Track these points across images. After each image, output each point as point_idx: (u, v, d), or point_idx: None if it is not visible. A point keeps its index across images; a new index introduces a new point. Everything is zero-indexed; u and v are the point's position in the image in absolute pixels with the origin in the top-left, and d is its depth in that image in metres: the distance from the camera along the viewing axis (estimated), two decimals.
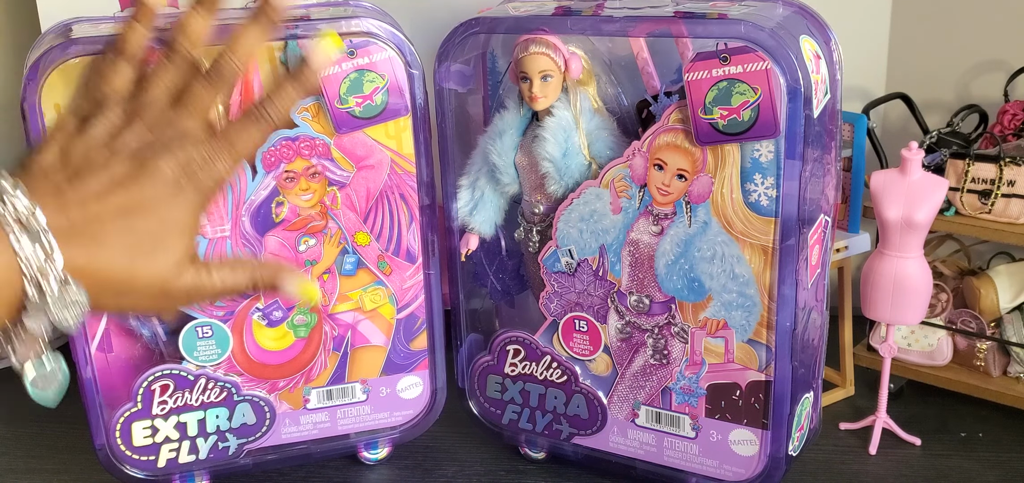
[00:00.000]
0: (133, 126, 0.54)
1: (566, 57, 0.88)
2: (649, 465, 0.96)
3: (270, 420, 0.98)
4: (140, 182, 0.53)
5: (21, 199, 0.49)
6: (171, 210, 0.53)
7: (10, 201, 0.49)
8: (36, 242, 0.49)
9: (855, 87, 1.19)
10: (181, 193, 0.54)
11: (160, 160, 0.53)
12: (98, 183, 0.52)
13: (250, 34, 0.59)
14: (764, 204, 0.83)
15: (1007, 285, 1.07)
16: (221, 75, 0.58)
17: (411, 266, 0.97)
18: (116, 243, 0.52)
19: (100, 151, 0.53)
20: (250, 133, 0.57)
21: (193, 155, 0.54)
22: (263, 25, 0.59)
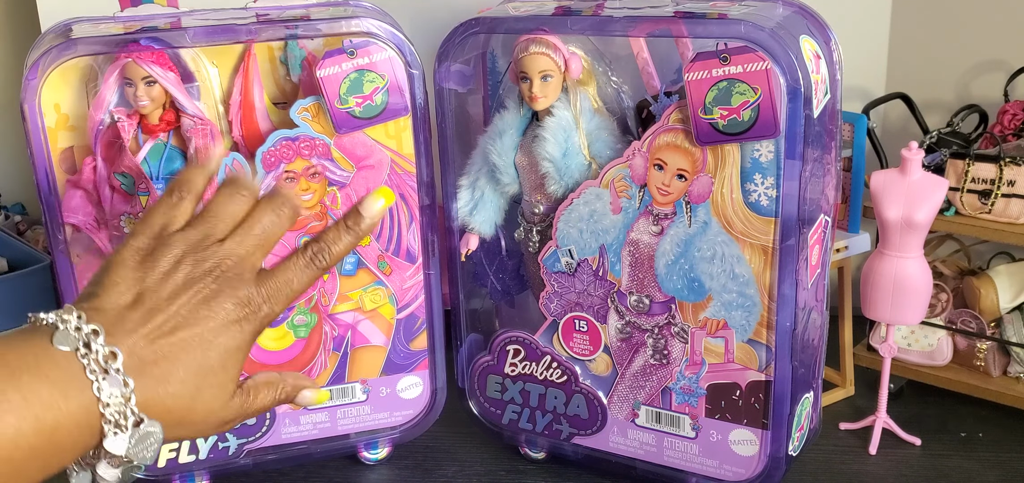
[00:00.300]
0: (196, 264, 0.56)
1: (566, 57, 0.88)
2: (649, 465, 0.96)
3: (270, 420, 0.98)
4: (204, 321, 0.54)
5: (101, 344, 0.50)
6: (228, 346, 0.56)
7: (94, 345, 0.50)
8: (115, 385, 0.50)
9: (855, 87, 1.19)
10: (239, 330, 0.56)
11: (221, 299, 0.55)
12: (165, 322, 0.54)
13: (344, 240, 0.61)
14: (764, 204, 0.83)
15: (1007, 285, 1.07)
16: (282, 212, 0.60)
17: (411, 266, 0.97)
18: (181, 379, 0.53)
19: (165, 289, 0.55)
20: (302, 275, 0.59)
21: (251, 294, 0.57)
22: (351, 236, 0.62)
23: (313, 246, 0.60)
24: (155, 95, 0.88)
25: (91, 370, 0.50)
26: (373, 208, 0.61)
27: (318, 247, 0.60)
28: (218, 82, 0.91)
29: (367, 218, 0.61)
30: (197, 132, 0.89)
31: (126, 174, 0.88)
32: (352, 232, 0.61)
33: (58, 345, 0.50)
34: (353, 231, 0.61)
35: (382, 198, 0.61)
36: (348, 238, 0.61)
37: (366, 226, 0.61)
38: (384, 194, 0.62)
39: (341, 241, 0.60)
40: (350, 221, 0.61)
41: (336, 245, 0.60)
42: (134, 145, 0.89)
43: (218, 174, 0.63)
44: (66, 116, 0.88)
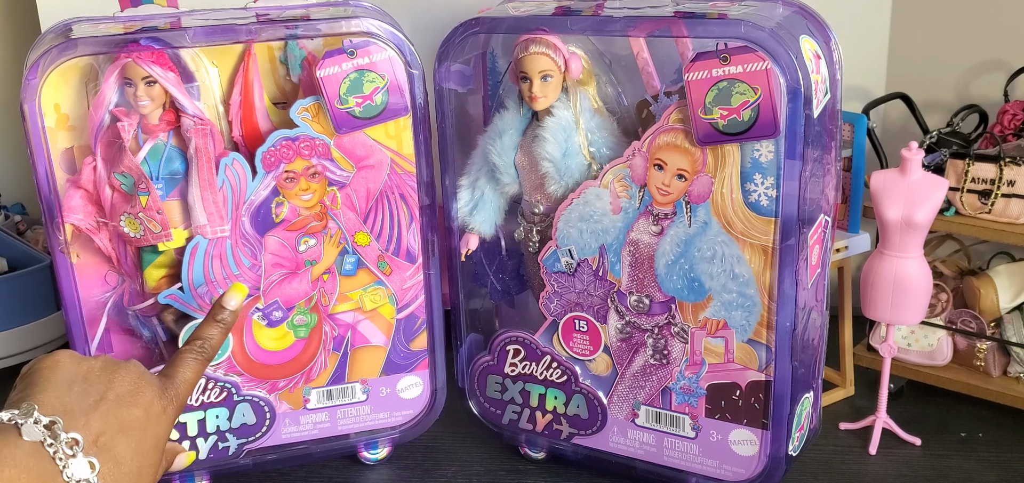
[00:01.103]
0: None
1: (566, 57, 0.88)
2: (649, 465, 0.96)
3: (270, 420, 0.98)
4: (136, 404, 0.62)
5: (63, 431, 0.57)
6: (156, 427, 0.63)
7: (58, 434, 0.56)
8: (81, 467, 0.57)
9: (855, 87, 1.19)
10: (162, 411, 0.64)
11: (144, 388, 0.64)
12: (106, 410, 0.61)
13: (214, 331, 0.73)
14: (764, 204, 0.83)
15: (1007, 285, 1.07)
16: (202, 355, 0.71)
17: (411, 266, 0.97)
18: (128, 454, 0.61)
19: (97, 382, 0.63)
20: (194, 362, 0.69)
21: (163, 383, 0.66)
22: (222, 326, 0.74)
23: (197, 342, 0.70)
24: (155, 95, 0.88)
25: (59, 456, 0.56)
26: (232, 300, 0.73)
27: (200, 341, 0.70)
28: (218, 82, 0.91)
29: (228, 307, 0.73)
30: (197, 132, 0.89)
31: (126, 174, 0.88)
32: (219, 322, 0.72)
33: (26, 438, 0.56)
34: (220, 320, 0.72)
35: (236, 292, 0.74)
36: (218, 328, 0.72)
37: (228, 315, 0.73)
38: (239, 290, 0.74)
39: (212, 330, 0.72)
40: (215, 312, 0.73)
41: (210, 336, 0.71)
42: (134, 145, 0.89)
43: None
44: (66, 116, 0.88)
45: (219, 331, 0.73)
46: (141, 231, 0.89)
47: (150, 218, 0.89)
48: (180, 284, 0.92)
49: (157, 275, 0.93)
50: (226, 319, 0.73)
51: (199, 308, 0.93)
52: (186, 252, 0.91)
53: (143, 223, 0.89)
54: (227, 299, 0.74)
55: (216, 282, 0.93)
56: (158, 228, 0.89)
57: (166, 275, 0.93)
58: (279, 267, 0.94)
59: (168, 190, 0.91)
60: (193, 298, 0.93)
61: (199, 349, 0.70)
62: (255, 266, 0.93)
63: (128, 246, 0.92)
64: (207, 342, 0.71)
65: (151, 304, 0.93)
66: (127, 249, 0.92)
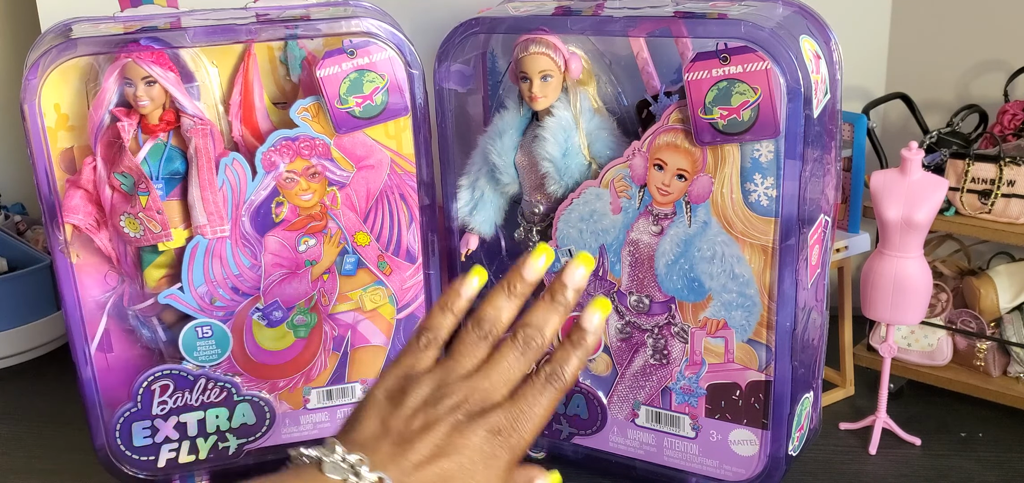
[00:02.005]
0: (443, 398, 0.59)
1: (566, 57, 0.88)
2: (649, 465, 0.96)
3: (270, 420, 0.98)
4: (460, 451, 0.57)
5: (367, 473, 0.55)
6: (485, 473, 0.58)
7: (362, 473, 0.55)
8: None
9: (855, 87, 1.19)
10: (495, 461, 0.58)
11: (473, 429, 0.58)
12: (419, 453, 0.57)
13: (553, 318, 0.62)
14: (764, 204, 0.83)
15: (1007, 285, 1.07)
16: (528, 348, 0.61)
17: (411, 266, 0.97)
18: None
19: (417, 422, 0.58)
20: (546, 398, 0.60)
21: (500, 422, 0.59)
22: (561, 310, 0.63)
23: (546, 368, 0.61)
24: (155, 95, 0.88)
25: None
26: (593, 319, 0.62)
27: (551, 368, 0.61)
28: (218, 82, 0.91)
29: (590, 330, 0.62)
30: (197, 132, 0.89)
31: (126, 174, 0.88)
32: (580, 347, 0.62)
33: (329, 474, 0.54)
34: (581, 345, 0.62)
35: (599, 309, 0.63)
36: (578, 354, 0.62)
37: (590, 338, 0.62)
38: (584, 260, 0.63)
39: (577, 357, 0.62)
40: (574, 336, 0.62)
41: (568, 364, 0.61)
42: (134, 145, 0.89)
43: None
44: (66, 116, 0.88)
45: (579, 357, 0.61)
46: (141, 231, 0.89)
47: (150, 218, 0.89)
48: (180, 284, 0.92)
49: (157, 275, 0.93)
50: (587, 343, 0.62)
51: (199, 308, 0.93)
52: (186, 252, 0.91)
53: (143, 223, 0.89)
54: (587, 317, 0.62)
55: (216, 282, 0.93)
56: (158, 228, 0.89)
57: (166, 275, 0.93)
58: (279, 267, 0.94)
59: (168, 190, 0.91)
60: (193, 298, 0.93)
61: (549, 376, 0.60)
62: (255, 266, 0.93)
63: (128, 246, 0.92)
64: (561, 370, 0.61)
65: (151, 304, 0.94)
66: (127, 249, 0.92)
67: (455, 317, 0.63)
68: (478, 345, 0.62)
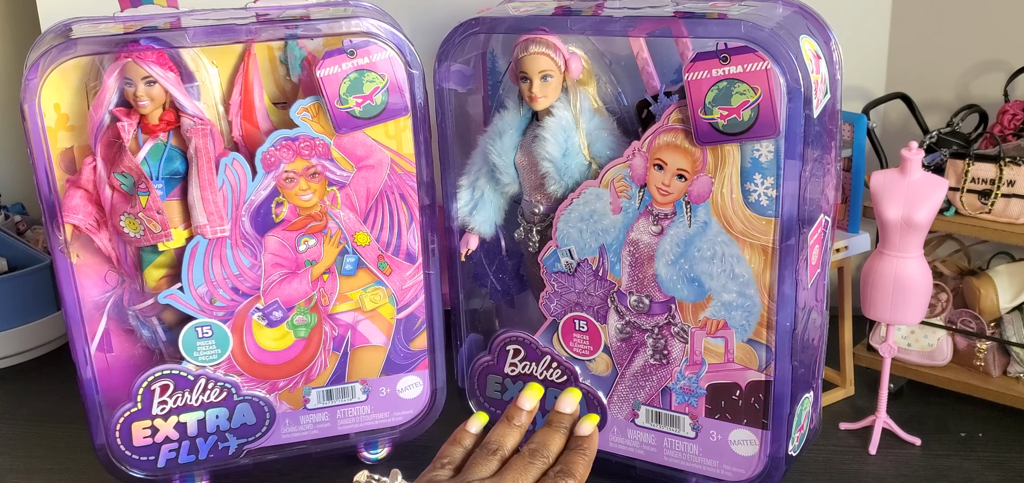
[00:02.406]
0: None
1: (566, 57, 0.88)
2: (649, 465, 0.96)
3: (270, 420, 0.98)
4: None
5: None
6: None
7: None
8: None
9: (855, 87, 1.19)
10: None
11: None
12: None
13: (556, 439, 0.73)
14: (764, 204, 0.83)
15: (1007, 285, 1.07)
16: (535, 458, 0.70)
17: (411, 266, 0.97)
18: None
19: None
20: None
21: None
22: (562, 432, 0.74)
23: (555, 469, 0.70)
24: (155, 95, 0.88)
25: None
26: (586, 427, 0.73)
27: (559, 468, 0.70)
28: (218, 82, 0.91)
29: (587, 434, 0.73)
30: (197, 132, 0.89)
31: (126, 174, 0.88)
32: (585, 451, 0.72)
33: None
34: (584, 450, 0.72)
35: (590, 420, 0.74)
36: (586, 456, 0.71)
37: (590, 443, 0.73)
38: (573, 394, 0.76)
39: (579, 462, 0.71)
40: (574, 443, 0.72)
41: (577, 466, 0.71)
42: (134, 145, 0.89)
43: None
44: (66, 116, 0.88)
45: (586, 461, 0.71)
46: (141, 231, 0.89)
47: (150, 218, 0.89)
48: (180, 284, 0.92)
49: (157, 275, 0.93)
50: (590, 448, 0.72)
51: (199, 308, 0.93)
52: (186, 252, 0.91)
53: (143, 223, 0.89)
54: (583, 428, 0.73)
55: (216, 282, 0.93)
56: (158, 228, 0.89)
57: (166, 275, 0.93)
58: (279, 267, 0.94)
59: (168, 190, 0.91)
60: (193, 298, 0.93)
61: (559, 473, 0.70)
62: (255, 266, 0.93)
63: (128, 246, 0.92)
64: (567, 465, 0.70)
65: (151, 304, 0.94)
66: (127, 249, 0.92)
67: (465, 450, 0.73)
68: (489, 460, 0.70)
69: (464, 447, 0.73)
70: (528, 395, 0.75)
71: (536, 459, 0.70)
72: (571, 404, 0.75)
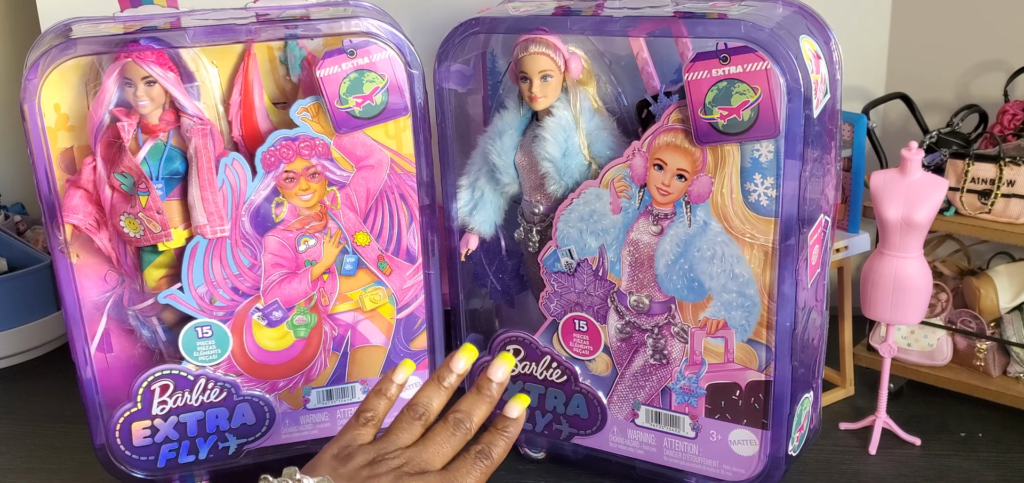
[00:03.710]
0: (384, 462, 0.67)
1: (566, 57, 0.88)
2: (649, 465, 0.96)
3: (270, 420, 0.98)
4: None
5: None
6: None
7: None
8: None
9: (855, 87, 1.19)
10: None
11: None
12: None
13: (480, 407, 0.72)
14: (764, 204, 0.83)
15: (1007, 285, 1.07)
16: (458, 429, 0.70)
17: (411, 266, 0.97)
18: None
19: (364, 474, 0.66)
20: (477, 472, 0.69)
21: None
22: (487, 401, 0.73)
23: (476, 446, 0.70)
24: (155, 95, 0.88)
25: None
26: (515, 410, 0.72)
27: (481, 447, 0.70)
28: (218, 82, 0.91)
29: (513, 417, 0.71)
30: (197, 132, 0.89)
31: (126, 174, 0.88)
32: (506, 432, 0.71)
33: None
34: (506, 431, 0.71)
35: (519, 402, 0.72)
36: (505, 437, 0.71)
37: (513, 427, 0.71)
38: (506, 360, 0.74)
39: (499, 442, 0.70)
40: (500, 423, 0.71)
41: (495, 446, 0.70)
42: (134, 145, 0.89)
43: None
44: (66, 116, 0.88)
45: (506, 441, 0.71)
46: (141, 231, 0.89)
47: (150, 218, 0.89)
48: (180, 284, 0.92)
49: (157, 275, 0.93)
50: (510, 431, 0.71)
51: (199, 308, 0.93)
52: (186, 252, 0.91)
53: (143, 223, 0.89)
54: (511, 409, 0.71)
55: (216, 282, 0.93)
56: (158, 228, 0.89)
57: (166, 275, 0.93)
58: (279, 267, 0.94)
59: (168, 190, 0.91)
60: (193, 298, 0.93)
61: (479, 454, 0.69)
62: (255, 266, 0.93)
63: (128, 246, 0.92)
64: (489, 451, 0.70)
65: (151, 304, 0.94)
66: (127, 249, 0.92)
67: (388, 401, 0.73)
68: (413, 424, 0.71)
69: (388, 398, 0.73)
70: (461, 356, 0.74)
71: (458, 429, 0.70)
72: (501, 372, 0.73)
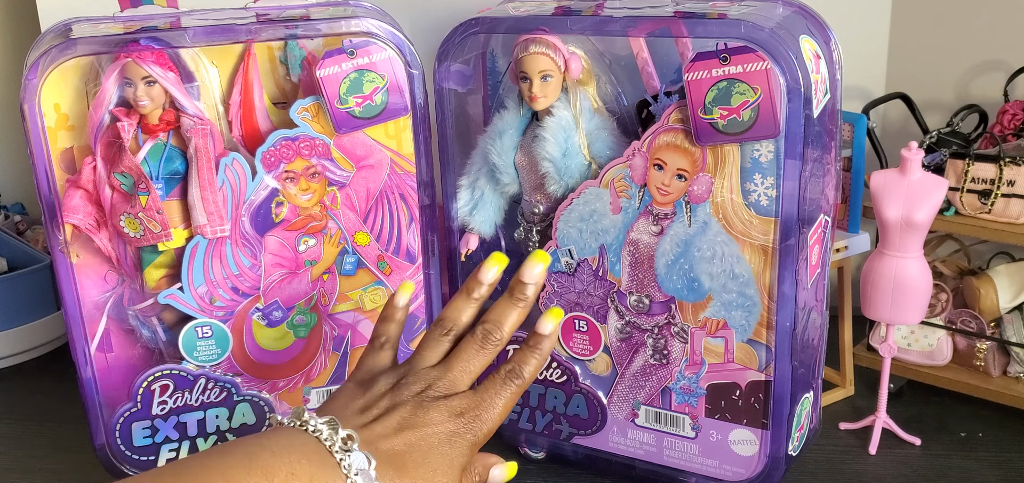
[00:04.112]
0: (409, 385, 0.65)
1: (566, 57, 0.88)
2: (649, 465, 0.96)
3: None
4: (424, 426, 0.63)
5: (339, 428, 0.60)
6: (449, 455, 0.63)
7: (338, 431, 0.60)
8: (358, 459, 0.60)
9: (855, 87, 1.19)
10: (458, 441, 0.64)
11: (436, 410, 0.64)
12: (385, 426, 0.63)
13: (512, 314, 0.69)
14: (764, 204, 0.83)
15: (1007, 285, 1.07)
16: (487, 342, 0.67)
17: (411, 266, 0.97)
18: (412, 471, 0.62)
19: (384, 402, 0.64)
20: (507, 391, 0.66)
21: (463, 405, 0.65)
22: (520, 306, 0.69)
23: (506, 366, 0.67)
24: (155, 95, 0.88)
25: (336, 450, 0.59)
26: (548, 325, 0.68)
27: (511, 366, 0.67)
28: (218, 82, 0.91)
29: (546, 334, 0.68)
30: (197, 132, 0.89)
31: (126, 174, 0.88)
32: (537, 349, 0.68)
33: (309, 431, 0.60)
34: (538, 348, 0.68)
35: (553, 317, 0.69)
36: (537, 356, 0.68)
37: (547, 343, 0.68)
38: (540, 258, 0.69)
39: (530, 361, 0.67)
40: (532, 340, 0.68)
41: (527, 364, 0.67)
42: (134, 145, 0.89)
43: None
44: (66, 116, 0.88)
45: (537, 359, 0.67)
46: (141, 231, 0.89)
47: (150, 218, 0.89)
48: (180, 284, 0.92)
49: (157, 275, 0.93)
50: (543, 348, 0.68)
51: (199, 308, 0.93)
52: (186, 252, 0.91)
53: (143, 223, 0.89)
54: (544, 325, 0.68)
55: (216, 282, 0.93)
56: (158, 228, 0.89)
57: (166, 275, 0.93)
58: (279, 267, 0.94)
59: (168, 190, 0.91)
60: (193, 298, 0.93)
61: (508, 374, 0.66)
62: (255, 266, 0.93)
63: (128, 246, 0.92)
64: (519, 368, 0.67)
65: (151, 304, 0.94)
66: (127, 249, 0.92)
67: (398, 325, 0.71)
68: (440, 342, 0.68)
69: (396, 321, 0.71)
70: (490, 265, 0.69)
71: (487, 342, 0.67)
72: (536, 272, 0.68)
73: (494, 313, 0.68)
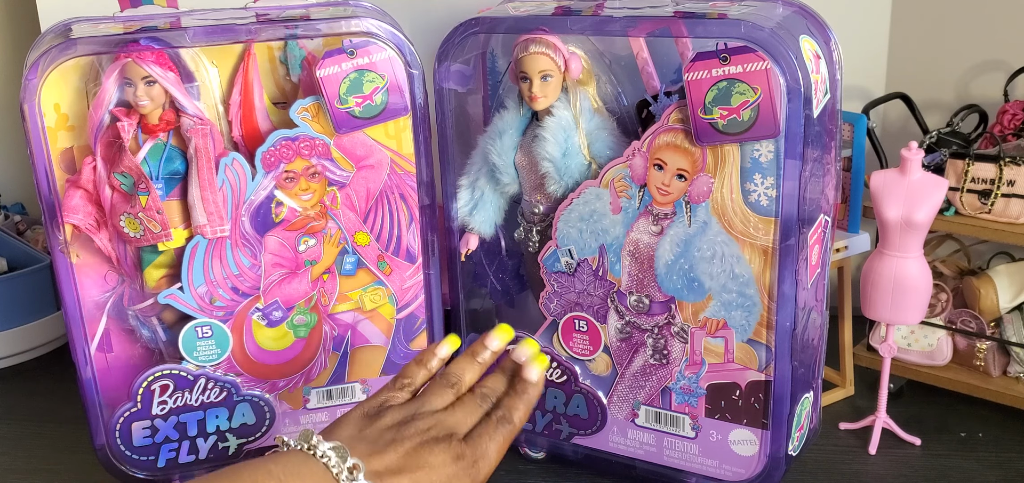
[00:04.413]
0: (413, 422, 0.68)
1: (566, 57, 0.88)
2: (649, 465, 0.96)
3: (270, 420, 0.98)
4: (425, 467, 0.66)
5: (347, 455, 0.64)
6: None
7: (346, 458, 0.64)
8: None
9: (855, 87, 1.19)
10: (453, 478, 0.67)
11: (438, 450, 0.67)
12: (389, 460, 0.66)
13: (504, 381, 0.73)
14: (764, 204, 0.83)
15: (1007, 285, 1.07)
16: (485, 401, 0.72)
17: (411, 266, 0.97)
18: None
19: (388, 436, 0.68)
20: (499, 436, 0.70)
21: (463, 450, 0.68)
22: (507, 373, 0.74)
23: (497, 413, 0.71)
24: (155, 95, 0.88)
25: (343, 478, 0.63)
26: (533, 373, 0.72)
27: (501, 413, 0.71)
28: (218, 82, 0.91)
29: (532, 380, 0.72)
30: (197, 132, 0.89)
31: (126, 174, 0.88)
32: (524, 395, 0.72)
33: (316, 456, 0.64)
34: (525, 394, 0.72)
35: (538, 364, 0.73)
36: (524, 401, 0.72)
37: (533, 389, 0.72)
38: (534, 350, 0.73)
39: (518, 407, 0.72)
40: (519, 387, 0.72)
41: (516, 410, 0.71)
42: (134, 145, 0.89)
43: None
44: (66, 116, 0.88)
45: (525, 405, 0.72)
46: (141, 231, 0.89)
47: (150, 218, 0.89)
48: (180, 284, 0.92)
49: (157, 275, 0.93)
50: (530, 393, 0.72)
51: (199, 308, 0.93)
52: (186, 252, 0.91)
53: (143, 223, 0.89)
54: (529, 372, 0.72)
55: (216, 282, 0.93)
56: (158, 228, 0.89)
57: (166, 275, 0.93)
58: (279, 267, 0.94)
59: (168, 190, 0.91)
60: (193, 298, 0.93)
61: (500, 419, 0.70)
62: (255, 266, 0.93)
63: (128, 246, 0.92)
64: (510, 415, 0.71)
65: (151, 304, 0.94)
66: (127, 249, 0.92)
67: (428, 372, 0.74)
68: (446, 391, 0.72)
69: (428, 369, 0.74)
70: (496, 335, 0.74)
71: (484, 403, 0.72)
72: (525, 355, 0.73)
73: (490, 382, 0.74)
